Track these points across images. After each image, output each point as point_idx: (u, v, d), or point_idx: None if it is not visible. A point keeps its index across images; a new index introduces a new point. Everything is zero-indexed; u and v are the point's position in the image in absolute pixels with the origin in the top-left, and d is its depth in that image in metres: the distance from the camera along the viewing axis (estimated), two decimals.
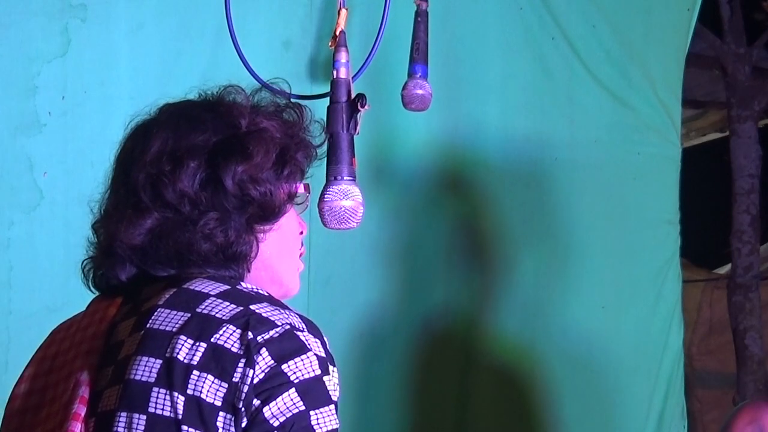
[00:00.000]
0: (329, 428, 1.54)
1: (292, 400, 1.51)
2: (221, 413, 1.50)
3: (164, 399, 1.52)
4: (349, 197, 1.94)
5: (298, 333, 1.55)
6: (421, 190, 3.45)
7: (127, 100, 2.79)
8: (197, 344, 1.53)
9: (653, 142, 3.89)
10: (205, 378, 1.51)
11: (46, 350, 1.72)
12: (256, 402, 1.50)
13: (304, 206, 1.76)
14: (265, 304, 1.57)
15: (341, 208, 1.94)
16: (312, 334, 1.56)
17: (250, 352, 1.51)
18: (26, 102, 2.71)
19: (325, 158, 1.81)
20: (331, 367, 1.58)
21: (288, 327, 1.54)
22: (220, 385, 1.51)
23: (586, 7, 3.74)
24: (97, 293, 1.71)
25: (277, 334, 1.53)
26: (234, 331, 1.52)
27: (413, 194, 3.43)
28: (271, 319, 1.54)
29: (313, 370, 1.53)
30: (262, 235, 1.66)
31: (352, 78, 2.02)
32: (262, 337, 1.52)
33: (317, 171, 2.01)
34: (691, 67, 4.14)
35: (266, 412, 1.50)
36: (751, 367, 5.14)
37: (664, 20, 3.92)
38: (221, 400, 1.51)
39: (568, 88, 3.72)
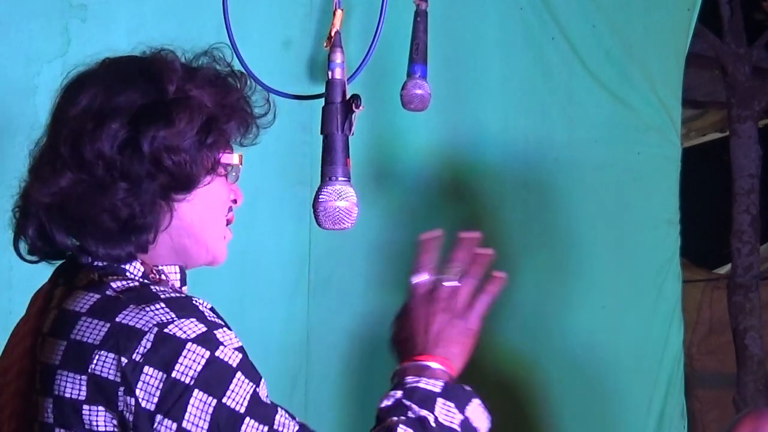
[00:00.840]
0: (248, 396, 1.50)
1: (201, 401, 1.48)
2: None
3: None
4: (343, 198, 1.94)
5: (168, 329, 1.50)
6: (421, 190, 3.45)
7: None
8: (78, 377, 1.51)
9: (653, 142, 3.89)
10: (97, 411, 1.50)
11: (3, 359, 1.71)
12: (168, 422, 1.47)
13: (235, 176, 1.72)
14: (130, 308, 1.53)
15: (335, 209, 1.94)
16: (183, 318, 1.52)
17: (127, 377, 1.48)
18: (26, 102, 2.71)
19: (272, 125, 1.79)
20: (218, 334, 1.53)
21: (156, 329, 1.50)
22: (112, 416, 1.49)
23: (586, 7, 3.74)
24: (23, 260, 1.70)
25: (149, 344, 1.49)
26: (106, 357, 1.50)
27: (413, 194, 3.43)
28: (138, 327, 1.51)
29: (202, 356, 1.49)
30: (177, 204, 1.63)
31: (349, 78, 2.02)
32: (138, 354, 1.49)
33: (314, 173, 2.02)
34: (691, 67, 4.14)
35: (186, 425, 1.47)
36: (751, 367, 5.14)
37: (664, 20, 3.92)
38: (116, 429, 1.49)
39: (568, 88, 3.72)
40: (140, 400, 1.47)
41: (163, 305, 1.53)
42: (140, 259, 1.63)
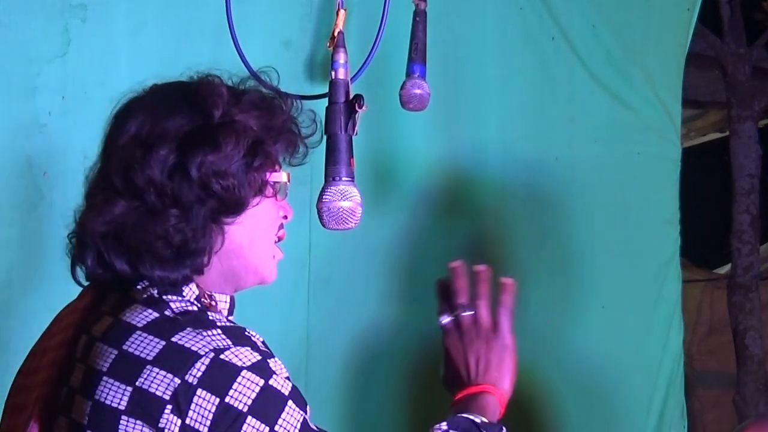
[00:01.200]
0: (298, 425, 1.54)
1: (254, 428, 1.51)
2: None
3: None
4: (347, 198, 1.94)
5: (224, 355, 1.53)
6: (420, 190, 3.45)
7: None
8: (124, 387, 1.52)
9: (653, 142, 3.89)
10: (134, 423, 1.51)
11: (39, 345, 1.74)
12: None
13: (284, 193, 1.74)
14: (187, 330, 1.55)
15: (339, 209, 1.94)
16: (238, 345, 1.55)
17: (178, 397, 1.50)
18: (26, 102, 2.71)
19: (323, 151, 1.82)
20: (271, 363, 1.56)
21: (212, 354, 1.53)
22: (149, 431, 1.50)
23: (586, 7, 3.74)
24: (79, 284, 1.72)
25: (205, 367, 1.51)
26: (157, 374, 1.52)
27: (412, 194, 3.43)
28: (193, 349, 1.53)
29: (256, 385, 1.53)
30: (227, 227, 1.66)
31: (351, 79, 2.02)
32: (192, 376, 1.51)
33: (316, 173, 2.02)
34: (691, 67, 4.14)
35: None
36: (751, 367, 5.14)
37: (664, 20, 3.92)
38: None
39: (568, 88, 3.72)
40: (191, 420, 1.49)
41: (219, 332, 1.56)
42: (195, 282, 1.65)
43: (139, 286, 1.63)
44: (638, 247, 3.86)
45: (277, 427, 1.52)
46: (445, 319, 1.90)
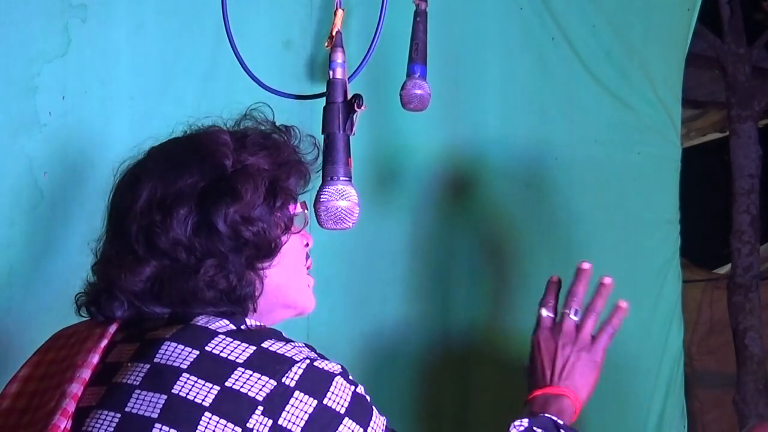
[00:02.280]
0: (384, 427, 1.61)
1: (350, 428, 1.55)
2: None
3: None
4: (344, 197, 1.94)
5: (317, 362, 1.56)
6: (421, 190, 3.45)
7: (127, 100, 2.80)
8: (209, 386, 1.51)
9: (653, 142, 3.89)
10: (217, 422, 1.49)
11: (44, 355, 1.72)
12: None
13: (303, 220, 1.76)
14: (273, 340, 1.57)
15: (337, 209, 1.94)
16: (322, 358, 1.59)
17: (273, 400, 1.50)
18: (26, 102, 2.71)
19: (321, 169, 1.83)
20: (350, 376, 1.61)
21: (307, 361, 1.55)
22: (233, 429, 1.49)
23: (586, 7, 3.74)
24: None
25: (302, 371, 1.53)
26: (251, 376, 1.52)
27: (413, 194, 3.43)
28: (288, 355, 1.55)
29: (350, 390, 1.57)
30: (263, 272, 1.67)
31: (349, 78, 2.02)
32: (290, 379, 1.52)
33: (315, 173, 2.02)
34: (691, 67, 4.14)
35: None
36: (751, 367, 5.14)
37: (664, 20, 3.92)
38: None
39: (568, 88, 3.72)
40: (284, 421, 1.50)
41: (302, 344, 1.59)
42: None
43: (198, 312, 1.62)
44: (638, 247, 3.86)
45: (369, 429, 1.57)
46: (547, 313, 2.01)
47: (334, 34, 2.03)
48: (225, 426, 1.49)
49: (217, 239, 1.61)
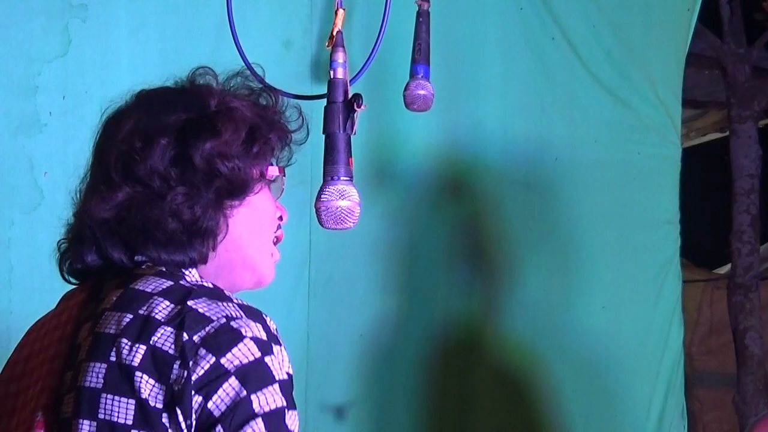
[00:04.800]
0: (274, 407, 1.53)
1: (232, 387, 1.51)
2: (164, 414, 1.51)
3: (112, 404, 1.53)
4: (345, 197, 1.94)
5: (234, 323, 1.54)
6: (422, 190, 3.45)
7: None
8: (137, 346, 1.53)
9: (653, 142, 3.89)
10: (147, 381, 1.52)
11: (19, 353, 1.73)
12: (198, 398, 1.51)
13: (279, 189, 1.76)
14: (203, 299, 1.57)
15: (338, 208, 1.94)
16: (251, 319, 1.56)
17: (185, 353, 1.51)
18: (27, 102, 2.71)
19: (305, 142, 1.82)
20: (275, 347, 1.57)
21: (224, 320, 1.54)
22: (161, 388, 1.51)
23: (586, 7, 3.74)
24: (70, 283, 1.73)
25: (213, 330, 1.53)
26: (170, 333, 1.53)
27: (414, 194, 3.43)
28: (207, 315, 1.54)
29: (252, 354, 1.53)
30: (230, 211, 1.67)
31: (352, 79, 2.02)
32: (198, 336, 1.52)
33: (315, 172, 2.02)
34: (691, 67, 4.14)
35: (210, 405, 1.50)
36: (751, 367, 5.13)
37: (664, 20, 3.92)
38: (162, 402, 1.51)
39: (568, 88, 3.72)
40: (193, 375, 1.51)
41: (235, 305, 1.58)
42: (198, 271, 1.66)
43: (144, 267, 1.64)
44: (638, 247, 3.86)
45: (253, 396, 1.52)
46: None
47: (335, 33, 2.03)
48: (153, 384, 1.51)
49: (192, 172, 1.63)
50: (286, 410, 1.55)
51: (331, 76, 2.00)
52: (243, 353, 1.52)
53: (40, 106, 2.71)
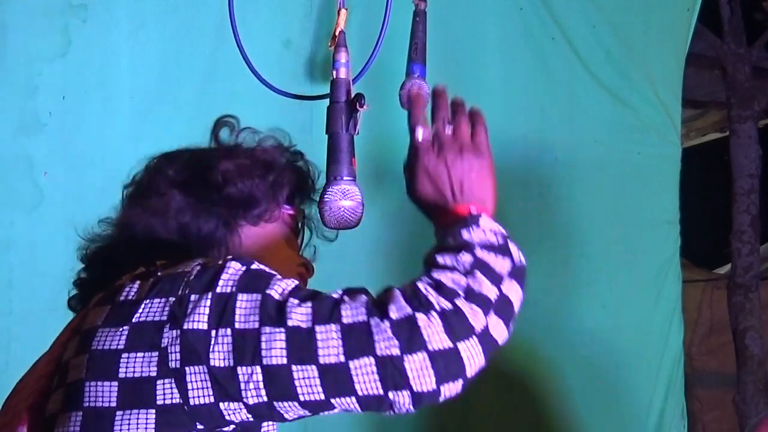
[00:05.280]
0: (290, 287, 1.53)
1: (246, 300, 1.49)
2: (158, 381, 1.48)
3: (96, 390, 1.51)
4: (348, 197, 1.94)
5: (208, 263, 1.54)
6: None
7: (127, 100, 2.80)
8: (119, 330, 1.51)
9: (653, 142, 3.89)
10: (135, 357, 1.49)
11: (24, 381, 1.73)
12: (222, 331, 1.47)
13: (298, 234, 1.87)
14: (173, 267, 1.56)
15: (341, 208, 1.94)
16: (236, 260, 1.55)
17: (173, 312, 1.48)
18: (27, 102, 2.71)
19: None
20: (267, 269, 1.55)
21: (198, 266, 1.53)
22: (151, 357, 1.48)
23: (586, 7, 3.74)
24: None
25: (192, 276, 1.51)
26: (152, 303, 1.51)
27: None
28: (179, 270, 1.54)
29: (239, 269, 1.52)
30: (242, 229, 1.73)
31: (354, 80, 2.02)
32: (182, 289, 1.50)
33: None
34: (691, 67, 4.14)
35: (239, 326, 1.47)
36: (751, 367, 5.14)
37: (664, 20, 3.92)
38: (156, 369, 1.48)
39: (568, 88, 3.72)
40: (187, 325, 1.47)
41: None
42: None
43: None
44: (638, 247, 3.86)
45: (268, 291, 1.50)
46: (422, 134, 1.79)
47: (337, 33, 2.03)
48: (143, 357, 1.48)
49: (205, 186, 1.71)
50: (298, 285, 1.56)
51: (334, 76, 2.01)
52: (231, 273, 1.51)
53: (40, 106, 2.71)
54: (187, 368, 1.47)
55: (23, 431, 1.59)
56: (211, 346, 1.46)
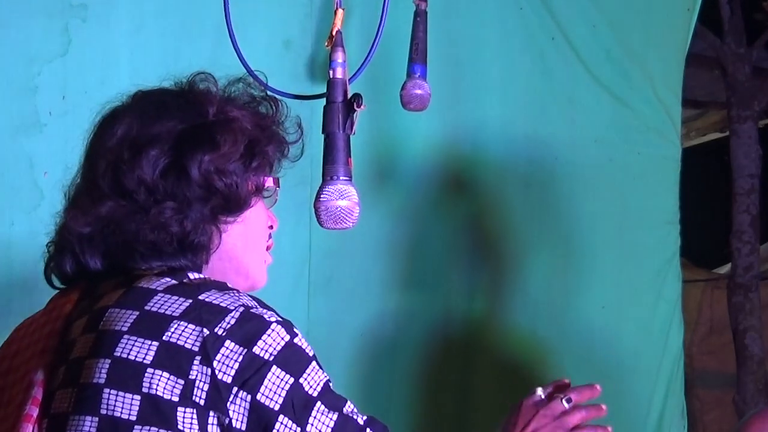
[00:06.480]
0: (322, 384, 1.55)
1: (278, 377, 1.52)
2: (180, 408, 1.49)
3: (115, 399, 1.52)
4: (344, 197, 1.94)
5: (254, 311, 1.55)
6: (421, 191, 3.45)
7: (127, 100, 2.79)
8: (148, 343, 1.52)
9: (653, 142, 3.89)
10: (161, 375, 1.50)
11: (6, 349, 1.72)
12: (243, 393, 1.50)
13: (273, 200, 1.75)
14: (212, 291, 1.56)
15: (337, 208, 1.94)
16: (264, 308, 1.57)
17: (206, 348, 1.50)
18: (27, 102, 2.71)
19: (299, 158, 1.82)
20: (295, 329, 1.58)
21: (242, 309, 1.54)
22: (176, 382, 1.50)
23: (586, 7, 3.74)
24: (54, 287, 1.71)
25: (234, 321, 1.52)
26: (186, 327, 1.52)
27: (413, 194, 3.43)
28: (223, 305, 1.53)
29: (282, 339, 1.54)
30: (225, 226, 1.66)
31: (350, 79, 2.03)
32: (222, 328, 1.51)
33: (316, 173, 2.02)
34: (691, 67, 4.14)
35: (261, 398, 1.50)
36: (751, 367, 5.14)
37: (664, 20, 3.92)
38: (178, 396, 1.50)
39: (568, 88, 3.72)
40: (216, 371, 1.49)
41: (245, 295, 1.58)
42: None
43: (143, 267, 1.62)
44: (638, 247, 3.85)
45: (302, 380, 1.53)
46: (540, 391, 1.96)
47: (334, 33, 2.04)
48: (168, 378, 1.50)
49: (186, 184, 1.61)
50: (329, 381, 1.58)
51: (331, 76, 2.01)
52: (274, 339, 1.53)
53: (40, 106, 2.72)
54: (210, 412, 1.50)
55: (28, 428, 1.58)
56: (229, 403, 1.50)
